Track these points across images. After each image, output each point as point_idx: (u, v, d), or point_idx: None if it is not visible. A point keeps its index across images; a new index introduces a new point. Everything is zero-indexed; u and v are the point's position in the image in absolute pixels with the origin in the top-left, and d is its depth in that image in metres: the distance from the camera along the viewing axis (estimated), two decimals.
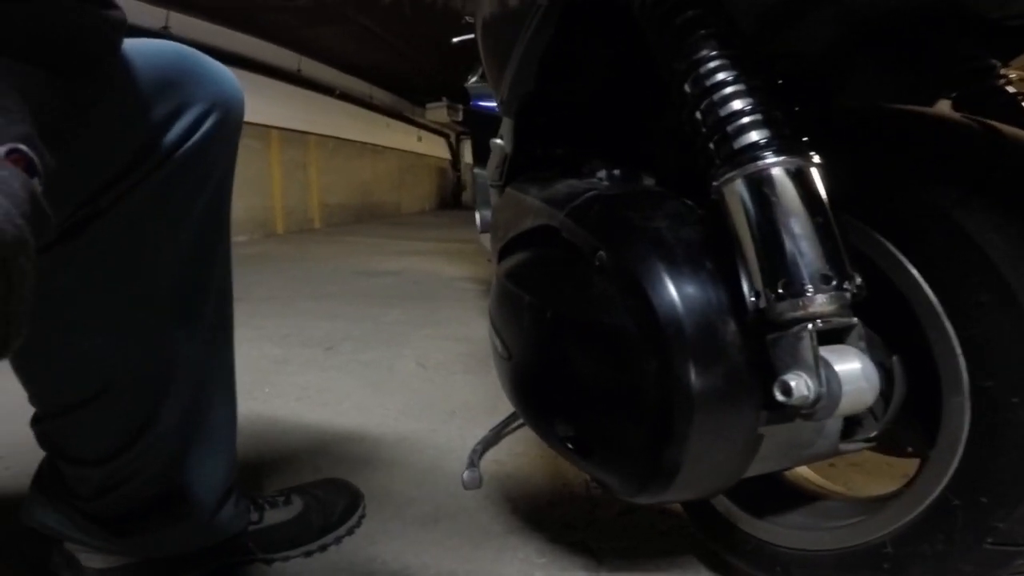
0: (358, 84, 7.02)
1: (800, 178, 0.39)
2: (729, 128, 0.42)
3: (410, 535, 0.78)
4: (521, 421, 1.09)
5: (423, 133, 9.12)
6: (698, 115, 0.44)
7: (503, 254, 0.84)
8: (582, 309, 0.51)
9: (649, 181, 0.66)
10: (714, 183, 0.43)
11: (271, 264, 3.40)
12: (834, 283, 0.38)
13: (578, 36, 0.64)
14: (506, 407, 1.17)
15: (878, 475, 0.90)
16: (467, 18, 2.12)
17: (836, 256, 0.38)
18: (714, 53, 0.43)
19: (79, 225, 0.51)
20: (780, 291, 0.39)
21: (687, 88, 0.45)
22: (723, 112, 0.42)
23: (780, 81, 0.50)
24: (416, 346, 1.68)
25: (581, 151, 0.89)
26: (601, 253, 0.49)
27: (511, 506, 0.85)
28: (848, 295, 0.39)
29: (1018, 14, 0.42)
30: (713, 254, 0.45)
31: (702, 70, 0.43)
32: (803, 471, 0.67)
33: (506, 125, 0.94)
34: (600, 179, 0.66)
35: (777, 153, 0.40)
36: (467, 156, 10.90)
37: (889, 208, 0.43)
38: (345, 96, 6.63)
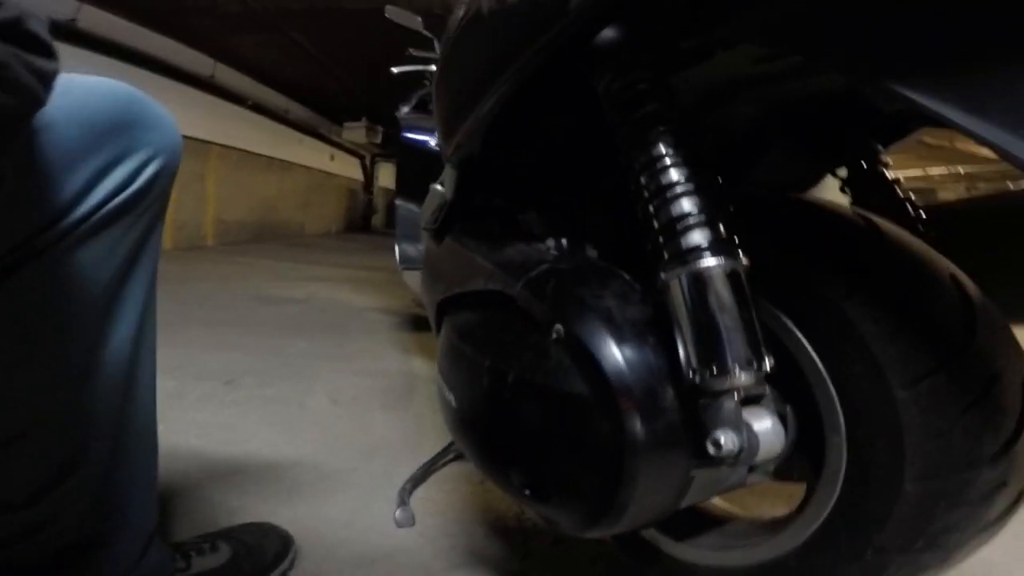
0: (275, 96, 6.88)
1: (733, 279, 0.50)
2: (678, 227, 0.51)
3: None
4: (451, 457, 1.12)
5: (337, 152, 9.02)
6: (651, 208, 0.53)
7: (446, 307, 0.89)
8: (541, 375, 0.59)
9: (591, 251, 0.75)
10: (661, 274, 0.52)
11: (158, 283, 3.19)
12: (753, 364, 0.49)
13: (537, 106, 0.71)
14: (430, 444, 1.20)
15: (767, 497, 1.02)
16: (411, 51, 2.18)
17: (755, 344, 0.49)
18: (669, 152, 0.53)
19: (10, 268, 0.51)
20: (713, 370, 0.49)
21: (643, 180, 0.54)
22: (674, 212, 0.52)
23: (719, 178, 0.60)
24: (326, 381, 1.66)
25: (519, 204, 0.96)
26: (559, 327, 0.57)
27: (448, 542, 0.87)
28: (763, 372, 0.50)
29: (901, 106, 0.54)
30: (654, 331, 0.55)
31: (658, 167, 0.53)
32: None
33: (449, 174, 0.99)
34: (549, 248, 0.75)
35: (715, 255, 0.50)
36: (382, 179, 10.85)
37: (792, 294, 0.55)
38: (258, 107, 6.46)
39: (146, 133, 0.57)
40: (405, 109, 2.34)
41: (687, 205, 0.51)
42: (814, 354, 0.52)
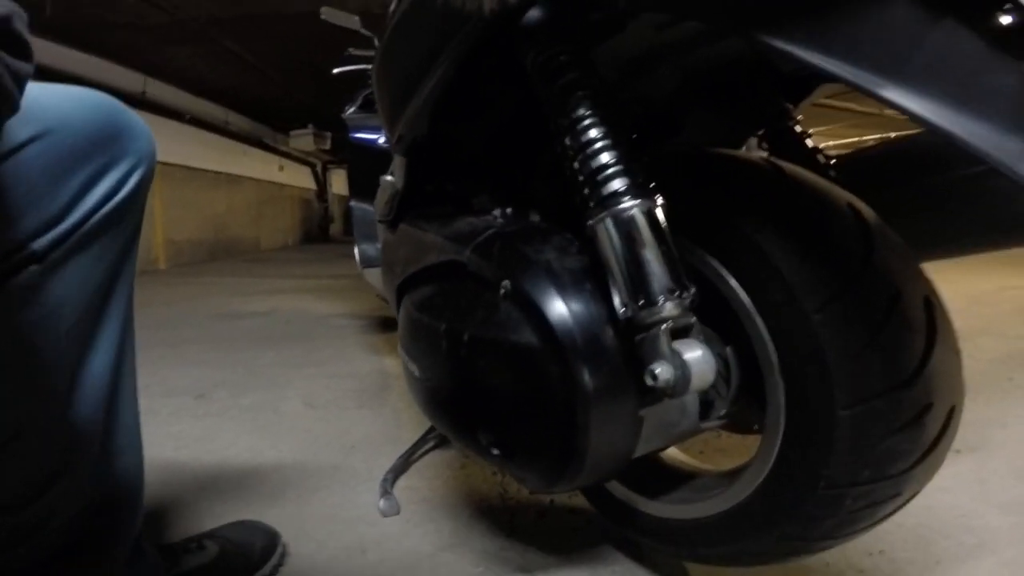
0: (213, 108, 6.76)
1: (650, 217, 0.56)
2: (599, 178, 0.58)
3: (340, 567, 0.82)
4: (430, 445, 1.17)
5: (285, 162, 8.90)
6: (576, 165, 0.60)
7: (404, 288, 0.94)
8: (495, 331, 0.64)
9: (535, 216, 0.82)
10: (588, 222, 0.59)
11: None
12: (677, 293, 0.55)
13: (476, 84, 0.76)
14: (409, 437, 1.25)
15: (740, 455, 1.10)
16: (351, 50, 2.20)
17: (676, 274, 0.56)
18: (588, 113, 0.59)
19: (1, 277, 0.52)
20: (640, 303, 0.55)
21: (567, 141, 0.61)
22: (594, 164, 0.58)
23: (634, 133, 0.67)
24: (300, 387, 1.69)
25: (470, 186, 1.02)
26: (506, 283, 0.63)
27: (434, 527, 0.92)
28: (687, 301, 0.56)
29: (801, 68, 0.60)
30: (591, 277, 0.61)
31: (579, 127, 0.59)
32: (680, 456, 0.83)
33: (398, 163, 1.04)
34: (495, 217, 0.81)
35: (634, 198, 0.56)
36: (335, 186, 10.73)
37: (713, 234, 0.61)
38: (197, 121, 6.34)
39: (129, 142, 0.60)
40: (351, 109, 2.35)
41: (605, 157, 0.58)
42: (739, 288, 0.58)
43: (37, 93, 0.51)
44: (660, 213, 0.57)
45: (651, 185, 0.58)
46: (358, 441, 1.27)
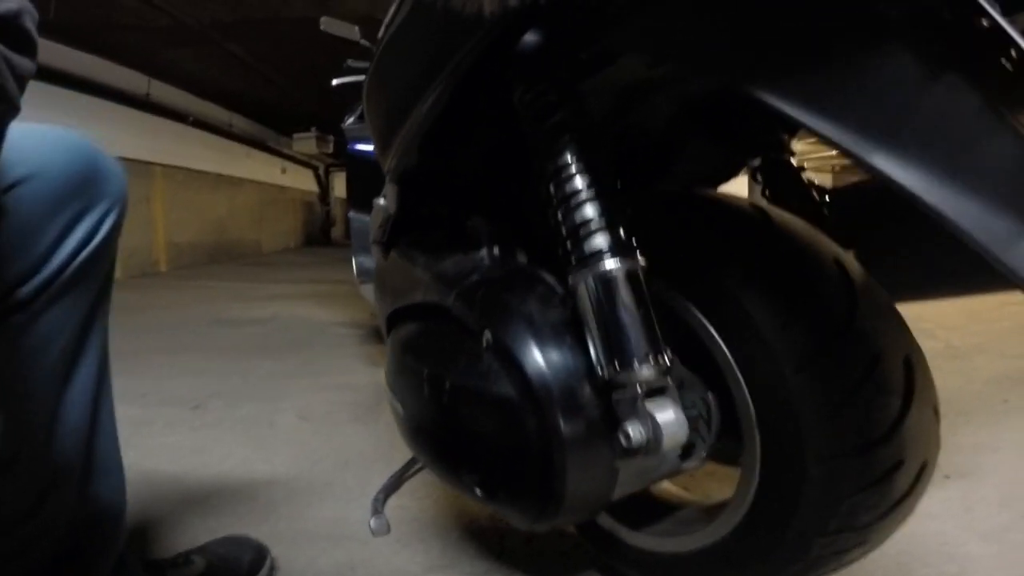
0: (216, 111, 6.81)
1: (631, 278, 0.56)
2: (581, 233, 0.58)
3: None
4: (420, 465, 1.18)
5: (288, 164, 8.94)
6: (559, 215, 0.60)
7: (393, 320, 0.95)
8: (476, 381, 0.65)
9: (522, 256, 0.81)
10: (569, 278, 0.59)
11: (112, 314, 3.16)
12: (652, 359, 0.56)
13: (466, 115, 0.76)
14: (401, 454, 1.26)
15: (727, 480, 1.10)
16: (349, 62, 2.21)
17: (653, 338, 0.56)
18: (573, 160, 0.59)
19: None
20: (617, 365, 0.56)
21: (551, 189, 0.61)
22: (577, 218, 0.58)
23: (626, 171, 0.68)
24: (295, 399, 1.70)
25: (463, 210, 1.03)
26: (488, 334, 0.64)
27: (424, 547, 0.93)
28: (663, 365, 0.56)
29: (719, 82, 0.59)
30: (571, 331, 0.62)
31: (563, 175, 0.59)
32: (666, 485, 0.85)
33: (389, 189, 1.04)
34: (482, 258, 0.81)
35: (614, 258, 0.56)
36: (338, 189, 10.76)
37: (695, 283, 0.61)
38: (200, 123, 6.39)
39: (104, 185, 0.60)
40: (350, 120, 2.34)
41: (588, 211, 0.58)
42: (720, 341, 0.59)
43: (19, 135, 0.51)
44: (640, 275, 0.57)
45: (633, 242, 0.58)
46: (352, 457, 1.28)
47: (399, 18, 0.75)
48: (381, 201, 1.14)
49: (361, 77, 2.25)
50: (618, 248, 0.57)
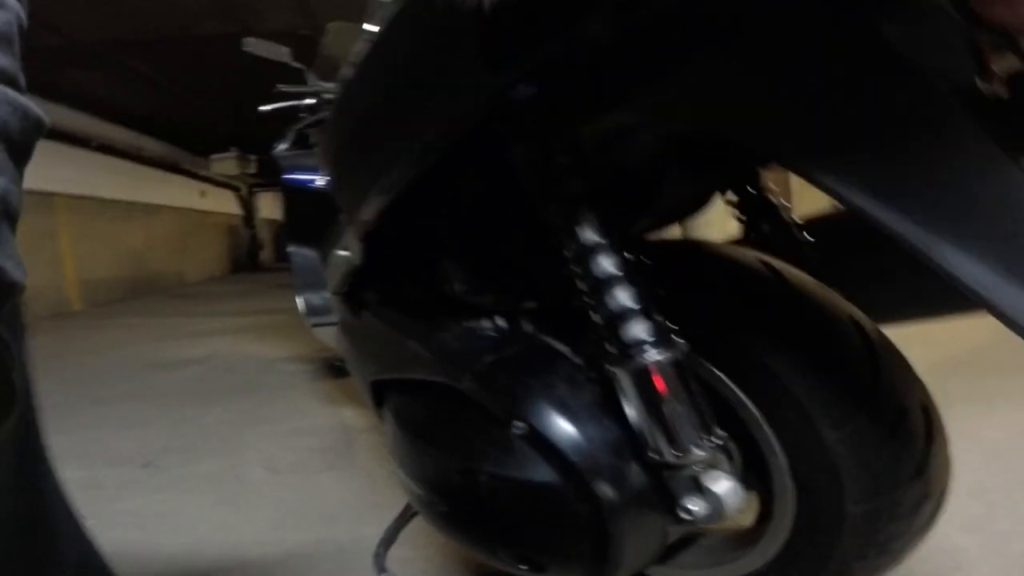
0: (122, 133, 6.43)
1: (676, 368, 0.57)
2: (617, 323, 0.57)
3: None
4: (414, 511, 1.14)
5: (207, 187, 8.53)
6: (588, 300, 0.59)
7: (380, 388, 0.90)
8: (513, 471, 0.63)
9: (526, 322, 0.78)
10: (607, 365, 0.59)
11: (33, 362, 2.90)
12: (707, 442, 0.57)
13: (447, 172, 0.70)
14: (388, 499, 1.22)
15: None
16: (280, 86, 2.10)
17: (705, 424, 0.57)
18: (598, 237, 0.58)
19: None
20: (672, 452, 0.57)
21: (577, 269, 0.59)
22: (612, 305, 0.57)
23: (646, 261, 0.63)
24: (258, 448, 1.62)
25: (433, 259, 0.99)
26: (519, 424, 0.62)
27: None
28: (717, 444, 0.58)
29: (770, 156, 0.56)
30: (607, 411, 0.61)
31: (591, 256, 0.58)
32: None
33: (354, 242, 0.98)
34: (485, 329, 0.78)
35: (658, 349, 0.55)
36: (264, 210, 10.36)
37: (722, 352, 0.62)
38: (106, 148, 5.99)
39: None
40: (283, 146, 2.22)
41: (623, 297, 0.57)
42: (750, 404, 0.61)
43: None
44: (685, 362, 0.57)
45: (673, 330, 0.58)
46: (336, 509, 1.23)
47: (373, 67, 0.69)
48: (342, 253, 1.09)
49: (292, 103, 2.15)
50: (662, 338, 0.57)
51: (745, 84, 0.42)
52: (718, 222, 1.15)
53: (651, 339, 0.56)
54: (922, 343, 0.62)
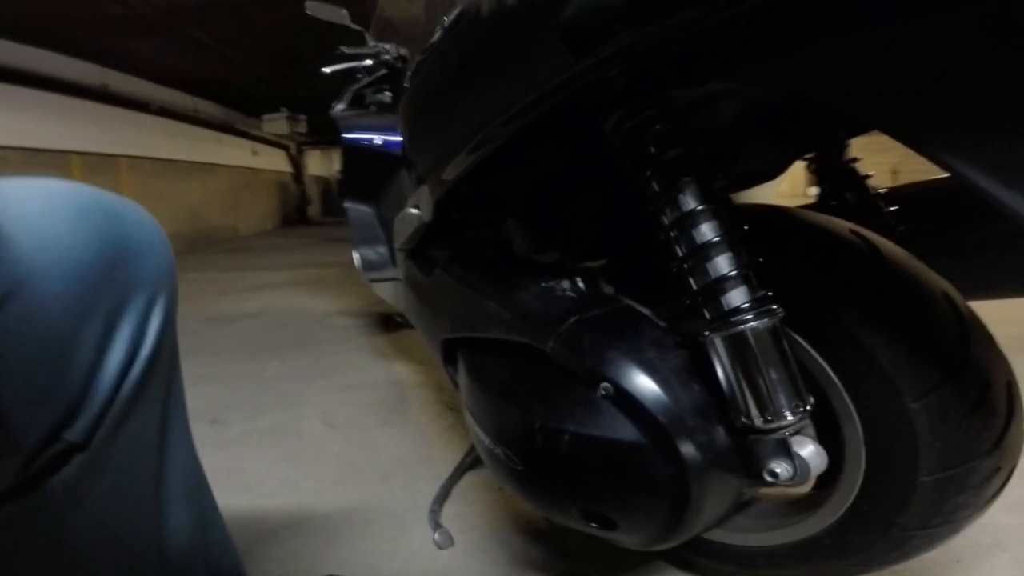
0: (180, 97, 6.59)
1: (773, 335, 0.56)
2: (716, 289, 0.57)
3: None
4: (466, 467, 1.18)
5: (259, 147, 8.70)
6: (685, 265, 0.59)
7: (456, 348, 0.92)
8: (598, 430, 0.64)
9: (605, 284, 0.78)
10: (705, 332, 0.59)
11: None
12: (799, 407, 0.57)
13: (530, 140, 0.70)
14: (440, 455, 1.27)
15: None
16: (342, 49, 2.13)
17: (799, 390, 0.57)
18: (699, 207, 0.57)
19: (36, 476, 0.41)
20: (765, 417, 0.57)
21: (673, 235, 0.59)
22: (711, 272, 0.57)
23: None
24: (315, 403, 1.69)
25: (504, 215, 1.00)
26: (606, 385, 0.62)
27: (490, 557, 0.94)
28: (807, 411, 0.58)
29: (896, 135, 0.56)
30: (695, 376, 0.62)
31: (689, 223, 0.58)
32: None
33: (425, 198, 1.00)
34: (564, 289, 0.78)
35: (756, 316, 0.56)
36: (311, 167, 10.53)
37: (807, 319, 0.61)
38: (164, 111, 6.17)
39: (141, 263, 0.45)
40: (340, 107, 2.26)
41: (722, 264, 0.57)
42: (831, 372, 0.60)
43: None
44: (780, 329, 0.57)
45: (770, 297, 0.57)
46: (391, 465, 1.28)
47: (459, 34, 0.70)
48: (413, 211, 1.10)
49: (352, 64, 2.18)
50: (758, 304, 0.56)
51: (874, 64, 0.38)
52: (771, 188, 1.10)
53: (749, 305, 0.56)
54: (988, 323, 0.59)
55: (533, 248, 0.91)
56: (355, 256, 2.06)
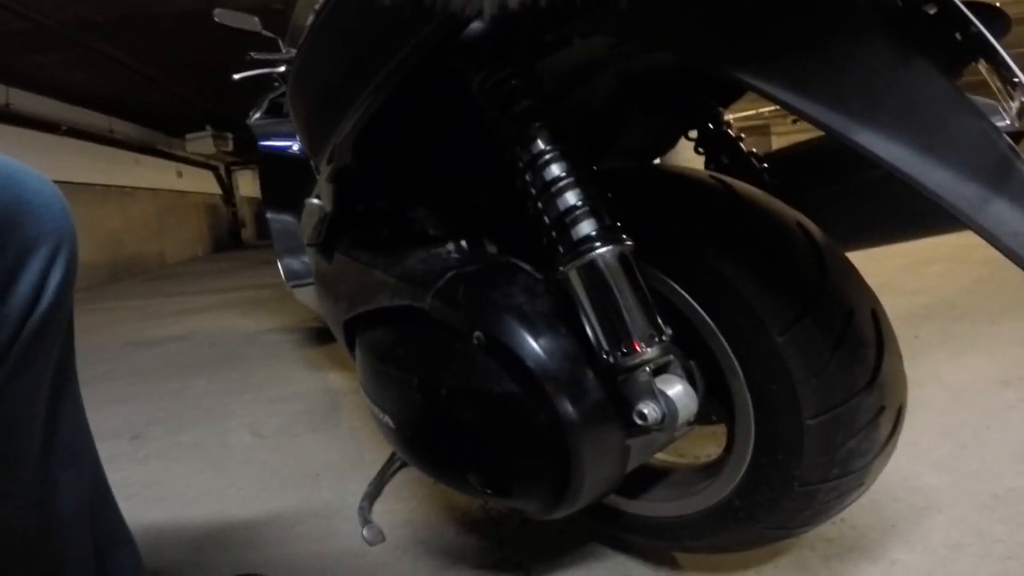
0: (93, 117, 6.26)
1: (623, 261, 0.57)
2: (567, 220, 0.58)
3: None
4: (397, 465, 1.16)
5: (184, 167, 8.36)
6: (539, 204, 0.59)
7: (353, 327, 0.91)
8: (471, 382, 0.63)
9: (488, 244, 0.79)
10: (560, 267, 0.59)
11: None
12: (655, 337, 0.57)
13: (408, 106, 0.72)
14: (373, 457, 1.23)
15: (696, 439, 1.15)
16: (252, 54, 2.07)
17: (653, 318, 0.57)
18: (548, 148, 0.59)
19: None
20: (623, 349, 0.57)
21: (528, 177, 0.60)
22: (560, 206, 0.58)
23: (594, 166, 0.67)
24: (243, 416, 1.62)
25: (404, 203, 0.99)
26: (478, 334, 0.62)
27: (424, 548, 0.92)
28: (666, 343, 0.58)
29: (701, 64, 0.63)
30: (563, 319, 0.62)
31: (539, 163, 0.59)
32: None
33: (324, 188, 0.99)
34: (448, 251, 0.78)
35: (604, 242, 0.56)
36: (243, 188, 10.19)
37: (672, 260, 0.63)
38: (75, 132, 5.83)
39: (40, 223, 0.46)
40: (256, 115, 2.22)
41: (571, 198, 0.58)
42: (703, 312, 0.61)
43: None
44: (630, 256, 0.58)
45: (619, 226, 0.58)
46: (321, 469, 1.23)
47: (331, 10, 0.70)
48: (315, 201, 1.08)
49: (265, 70, 2.12)
50: (608, 232, 0.57)
51: (687, 4, 0.44)
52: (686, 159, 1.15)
53: (597, 234, 0.57)
54: (897, 292, 0.62)
55: (430, 221, 0.91)
56: (279, 266, 2.00)
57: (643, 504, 0.77)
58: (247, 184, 10.24)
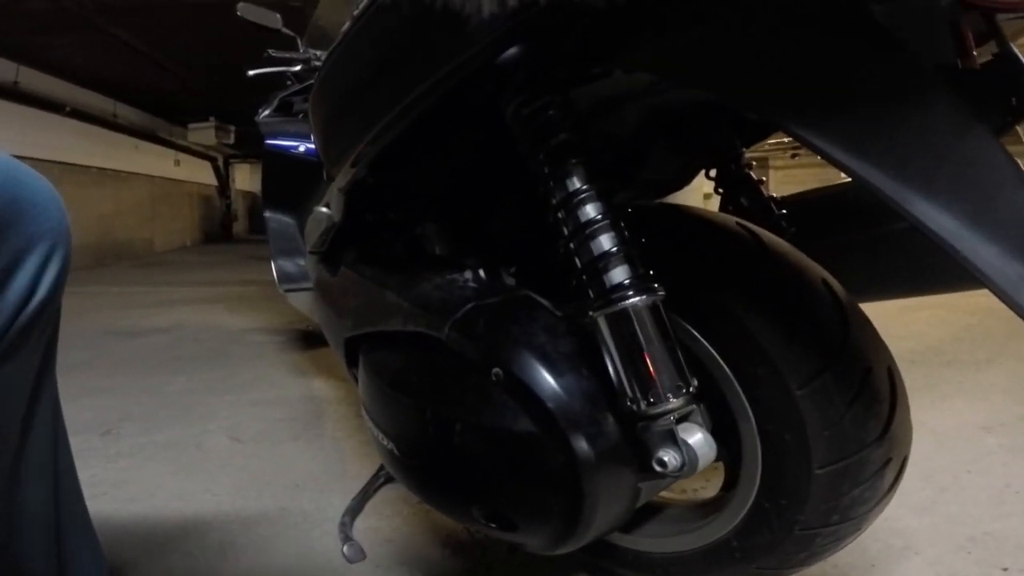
0: (98, 100, 6.25)
1: (654, 312, 0.57)
2: (599, 265, 0.57)
3: None
4: (381, 482, 1.13)
5: (182, 156, 8.33)
6: (572, 244, 0.59)
7: (357, 345, 0.89)
8: (487, 418, 0.62)
9: (507, 274, 0.79)
10: (590, 312, 0.59)
11: None
12: (682, 389, 0.57)
13: (434, 126, 0.71)
14: (355, 469, 1.21)
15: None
16: (270, 52, 2.07)
17: (681, 371, 0.57)
18: (584, 187, 0.58)
19: None
20: (649, 399, 0.57)
21: (560, 215, 0.60)
22: (595, 250, 0.57)
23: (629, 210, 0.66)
24: (222, 418, 1.58)
25: (415, 217, 0.99)
26: (497, 371, 0.61)
27: (406, 570, 0.89)
28: (692, 394, 0.58)
29: (758, 113, 0.57)
30: (585, 361, 0.61)
31: (575, 202, 0.58)
32: None
33: (336, 197, 0.98)
34: (466, 279, 0.78)
35: (637, 292, 0.56)
36: (239, 182, 10.16)
37: (695, 307, 0.63)
38: (79, 114, 5.82)
39: (35, 222, 0.47)
40: (265, 112, 2.18)
41: (605, 242, 0.57)
42: (720, 358, 0.61)
43: None
44: (662, 307, 0.57)
45: (652, 275, 0.58)
46: (301, 479, 1.21)
47: (370, 17, 0.69)
48: (323, 209, 1.07)
49: (280, 68, 2.12)
50: (641, 282, 0.57)
51: (741, 50, 0.44)
52: (694, 201, 1.16)
53: (630, 283, 0.56)
54: (885, 336, 0.63)
55: (448, 250, 0.90)
56: (273, 267, 1.97)
57: (636, 539, 0.76)
58: (243, 178, 10.22)
